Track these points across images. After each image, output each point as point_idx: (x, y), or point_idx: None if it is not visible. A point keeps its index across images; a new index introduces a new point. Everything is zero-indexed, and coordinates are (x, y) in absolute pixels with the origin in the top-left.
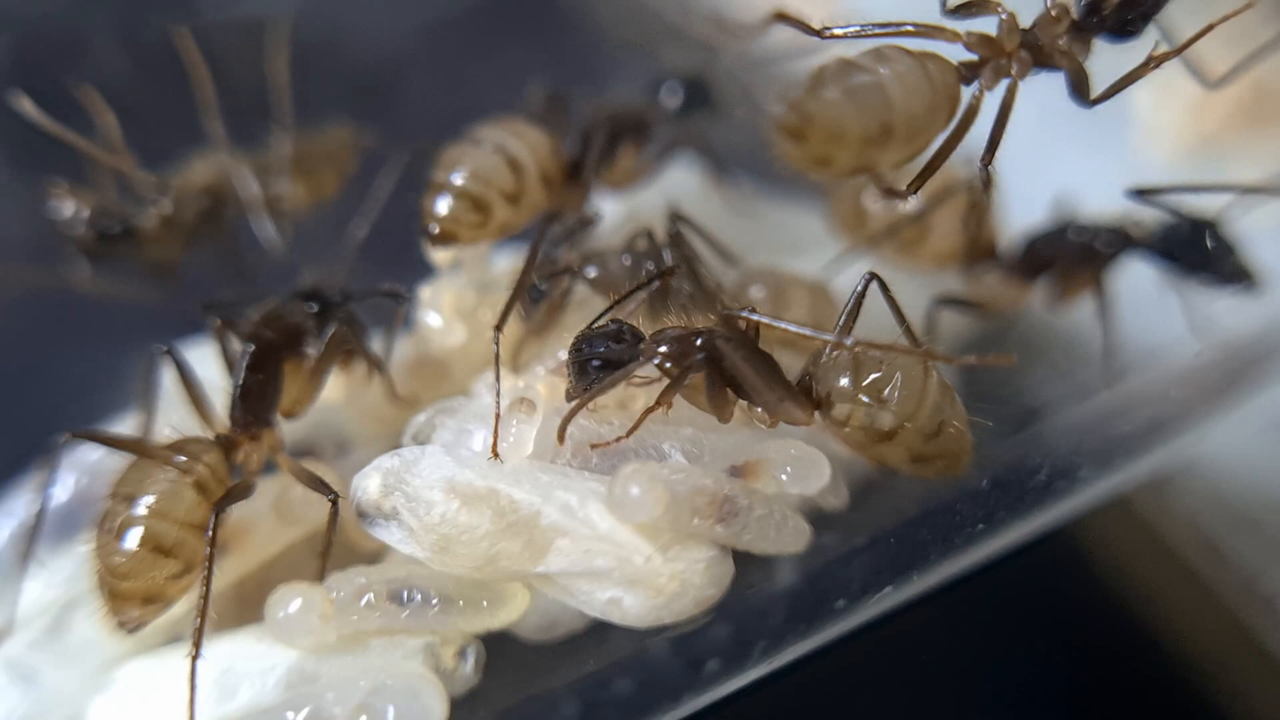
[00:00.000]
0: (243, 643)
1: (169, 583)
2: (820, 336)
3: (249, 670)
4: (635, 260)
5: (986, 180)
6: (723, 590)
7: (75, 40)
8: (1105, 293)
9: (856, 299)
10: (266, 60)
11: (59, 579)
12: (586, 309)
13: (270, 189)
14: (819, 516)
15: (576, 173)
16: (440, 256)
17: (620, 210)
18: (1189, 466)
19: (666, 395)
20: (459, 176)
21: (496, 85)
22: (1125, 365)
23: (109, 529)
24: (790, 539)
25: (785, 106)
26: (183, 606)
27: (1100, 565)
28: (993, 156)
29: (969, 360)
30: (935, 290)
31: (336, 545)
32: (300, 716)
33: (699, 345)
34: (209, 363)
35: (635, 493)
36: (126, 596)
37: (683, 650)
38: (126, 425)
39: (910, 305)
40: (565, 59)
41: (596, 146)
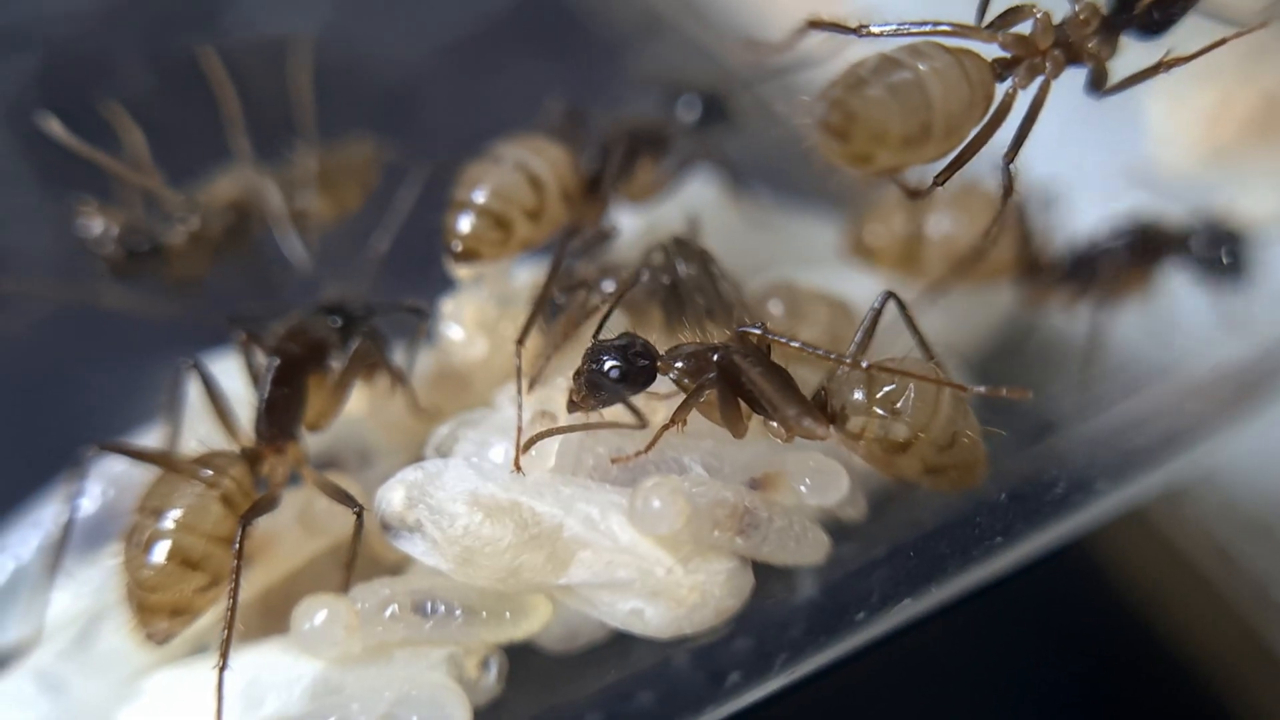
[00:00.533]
0: (269, 654)
1: (197, 595)
2: (839, 359)
3: (275, 681)
4: (652, 274)
5: (1009, 179)
6: (743, 601)
7: (101, 59)
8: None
9: (873, 317)
10: (289, 76)
11: (87, 590)
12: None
13: (295, 203)
14: (838, 528)
15: (595, 187)
16: (462, 271)
17: (639, 224)
18: (1204, 477)
19: (681, 413)
20: (480, 194)
21: (516, 101)
22: (1140, 378)
23: (137, 542)
24: (810, 550)
25: (828, 104)
26: (209, 617)
27: (1114, 573)
28: (1017, 154)
29: (987, 390)
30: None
31: (360, 557)
32: None
33: (714, 362)
34: (234, 375)
35: (657, 505)
36: (155, 609)
37: (705, 663)
38: (152, 438)
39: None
40: (584, 74)
41: (615, 161)
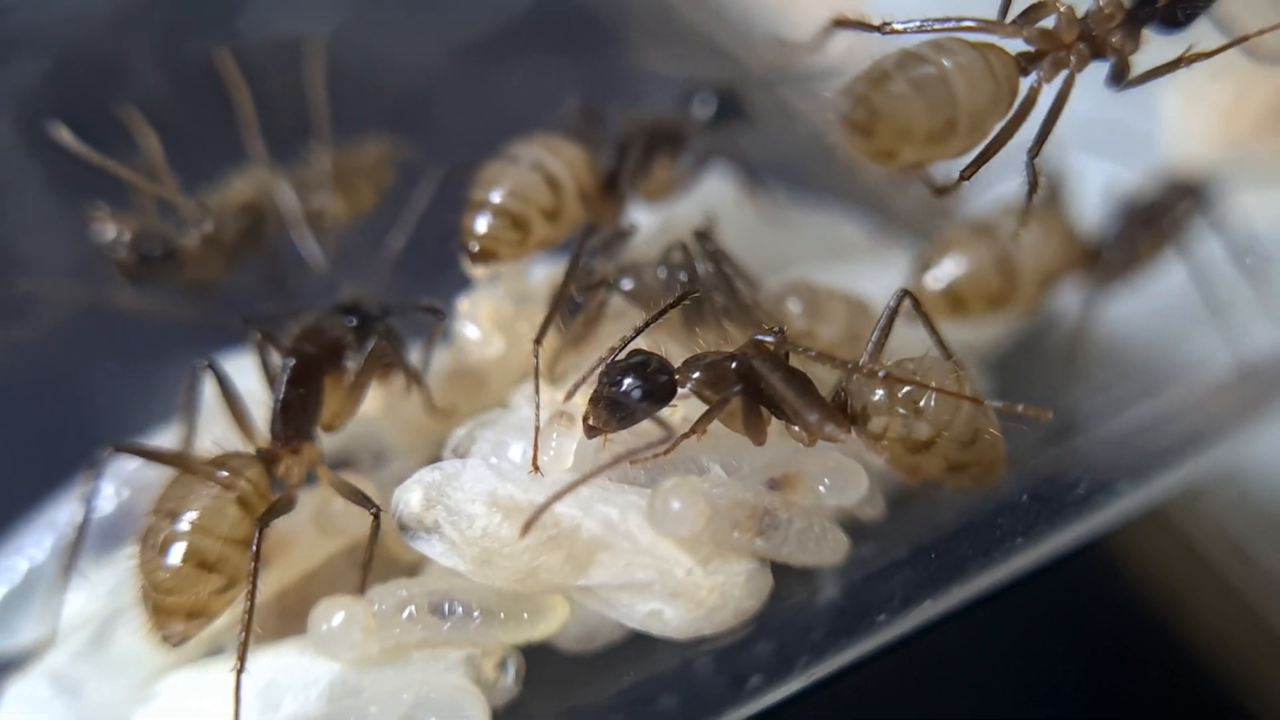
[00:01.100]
0: (286, 655)
1: (213, 598)
2: (855, 368)
3: (292, 683)
4: (670, 272)
5: (1034, 175)
6: (762, 602)
7: (116, 61)
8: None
9: (889, 316)
10: (304, 76)
11: (102, 591)
12: (623, 320)
13: (310, 204)
14: (857, 528)
15: (613, 186)
16: (478, 271)
17: (656, 222)
18: (1222, 476)
19: (703, 424)
20: (498, 195)
21: (532, 100)
22: (1162, 378)
23: (153, 544)
24: (829, 551)
25: (852, 101)
26: (225, 619)
27: (1131, 571)
28: (1040, 149)
29: (1004, 406)
30: None
31: (377, 558)
32: None
33: (734, 371)
34: (249, 376)
35: (676, 507)
36: (171, 611)
37: (726, 666)
38: (169, 438)
39: None
40: (600, 73)
41: (631, 160)
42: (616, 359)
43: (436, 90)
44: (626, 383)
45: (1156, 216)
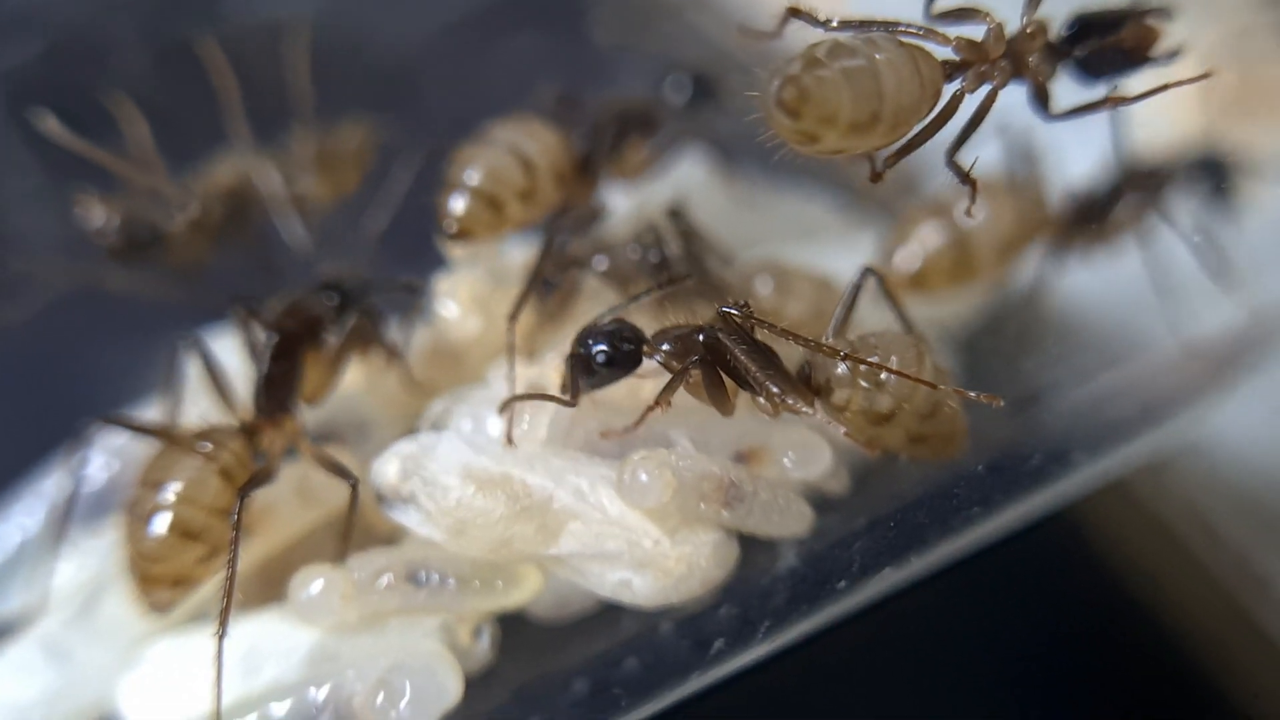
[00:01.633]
0: (267, 622)
1: (198, 565)
2: (817, 345)
3: (273, 649)
4: (643, 252)
5: (958, 171)
6: (728, 572)
7: (103, 43)
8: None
9: (852, 293)
10: (287, 60)
11: (91, 560)
12: (597, 300)
13: (294, 187)
14: (821, 501)
15: (586, 168)
16: (456, 250)
17: (631, 203)
18: (1188, 449)
19: (666, 393)
20: (473, 176)
21: (516, 81)
22: (1120, 351)
23: (138, 515)
24: (793, 522)
25: (782, 81)
26: (210, 586)
27: (1099, 545)
28: (957, 151)
29: (957, 391)
30: None
31: (356, 528)
32: (322, 693)
33: (701, 343)
34: (232, 351)
35: (644, 478)
36: (157, 579)
37: (690, 631)
38: (154, 411)
39: None
40: (582, 54)
41: (604, 142)
42: (594, 323)
43: (421, 70)
44: (595, 347)
45: (1125, 194)
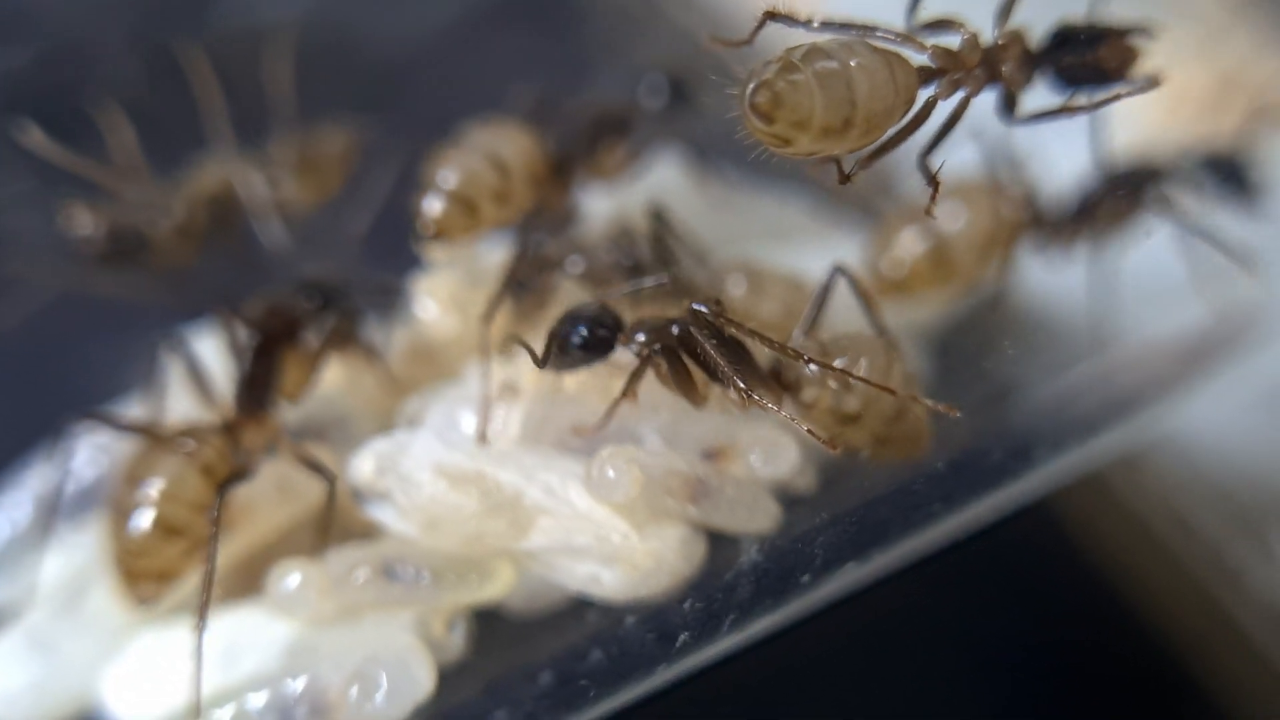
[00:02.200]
0: (247, 615)
1: (181, 560)
2: (783, 348)
3: (252, 642)
4: (618, 253)
5: (929, 174)
6: (695, 566)
7: (92, 44)
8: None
9: (822, 292)
10: (267, 68)
11: (77, 554)
12: (572, 300)
13: (277, 192)
14: (788, 497)
15: (562, 170)
16: (433, 252)
17: (607, 205)
18: (1162, 443)
19: (633, 384)
20: (449, 179)
21: (506, 81)
22: (1085, 348)
23: (122, 511)
24: (760, 518)
25: (757, 84)
26: (197, 579)
27: (1076, 538)
28: (929, 154)
29: (916, 400)
30: None
31: (335, 523)
32: (299, 684)
33: (675, 336)
34: (214, 349)
35: (611, 474)
36: (142, 574)
37: (655, 624)
38: (138, 408)
39: None
40: (573, 55)
41: (581, 144)
42: (579, 306)
43: (411, 69)
44: (571, 329)
45: (1100, 195)
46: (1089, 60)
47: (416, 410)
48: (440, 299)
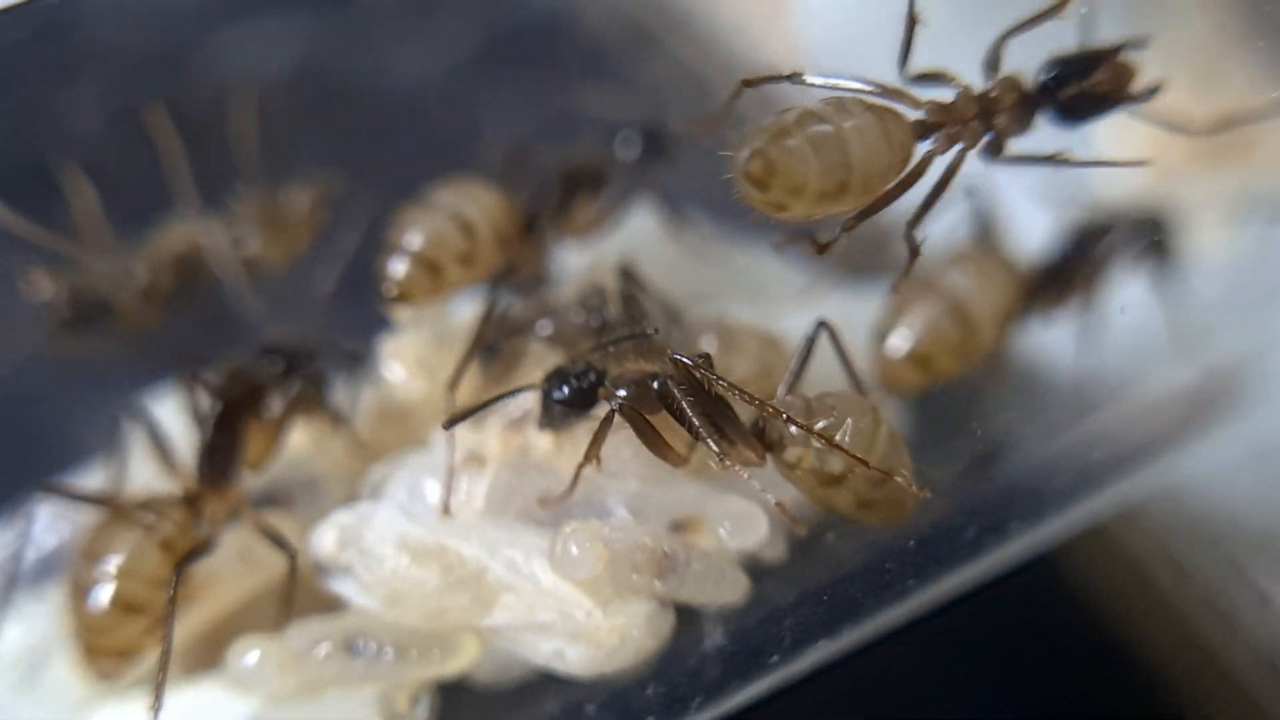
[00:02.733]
0: (206, 691)
1: (142, 636)
2: (762, 404)
3: (213, 718)
4: (587, 315)
5: (914, 244)
6: (662, 641)
7: (62, 106)
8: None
9: (806, 348)
10: (232, 125)
11: (37, 624)
12: (543, 364)
13: (243, 251)
14: (758, 569)
15: (533, 227)
16: (398, 312)
17: (582, 261)
18: (1160, 495)
19: (594, 448)
20: (413, 241)
21: (508, 122)
22: (1062, 416)
23: (81, 587)
24: (728, 591)
25: (750, 154)
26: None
27: (1074, 583)
28: (920, 221)
29: (883, 473)
30: None
31: (299, 594)
32: None
33: (656, 391)
34: (177, 411)
35: (575, 551)
36: (102, 651)
37: (619, 707)
38: (100, 474)
39: None
40: (564, 102)
41: (550, 201)
42: (563, 364)
43: (394, 118)
44: (554, 386)
45: (1091, 247)
46: (1087, 88)
47: (380, 479)
48: (406, 361)
